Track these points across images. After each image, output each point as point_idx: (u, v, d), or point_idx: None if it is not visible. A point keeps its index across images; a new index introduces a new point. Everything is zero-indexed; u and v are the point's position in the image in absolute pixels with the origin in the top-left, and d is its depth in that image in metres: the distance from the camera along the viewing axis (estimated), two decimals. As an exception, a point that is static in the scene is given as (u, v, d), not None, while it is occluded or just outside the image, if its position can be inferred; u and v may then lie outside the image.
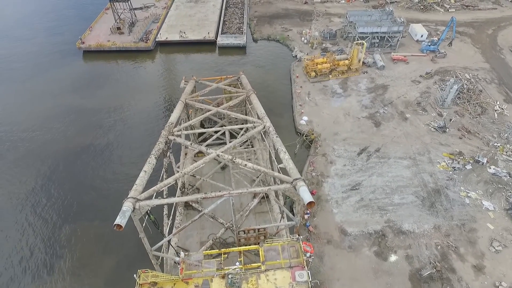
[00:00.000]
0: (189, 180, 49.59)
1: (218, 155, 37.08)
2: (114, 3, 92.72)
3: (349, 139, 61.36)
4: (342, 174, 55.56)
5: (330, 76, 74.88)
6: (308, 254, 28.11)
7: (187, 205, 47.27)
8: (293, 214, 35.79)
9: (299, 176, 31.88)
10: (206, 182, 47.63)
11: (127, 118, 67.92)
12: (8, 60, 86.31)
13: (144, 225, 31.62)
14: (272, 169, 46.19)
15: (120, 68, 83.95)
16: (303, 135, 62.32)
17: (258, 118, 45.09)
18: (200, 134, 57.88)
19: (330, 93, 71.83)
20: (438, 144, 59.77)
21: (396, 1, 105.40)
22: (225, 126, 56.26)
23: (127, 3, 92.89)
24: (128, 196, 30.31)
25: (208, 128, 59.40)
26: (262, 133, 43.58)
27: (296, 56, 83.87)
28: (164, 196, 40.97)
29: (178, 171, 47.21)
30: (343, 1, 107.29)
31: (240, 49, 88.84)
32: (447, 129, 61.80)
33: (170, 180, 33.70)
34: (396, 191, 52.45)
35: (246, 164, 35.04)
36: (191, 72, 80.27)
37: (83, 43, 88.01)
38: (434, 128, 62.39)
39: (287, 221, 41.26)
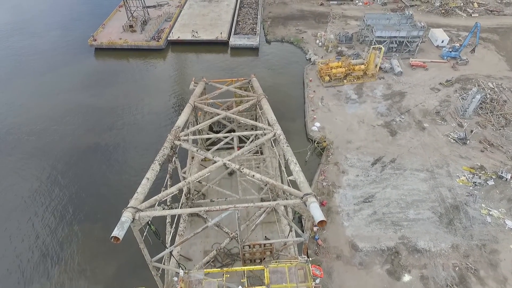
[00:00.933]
0: (195, 185, 47.90)
1: (225, 164, 35.18)
2: (128, 1, 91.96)
3: (363, 148, 58.72)
4: (355, 185, 53.03)
5: (345, 81, 72.22)
6: (317, 280, 25.90)
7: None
8: (302, 230, 33.62)
9: (310, 191, 29.67)
10: (212, 188, 45.93)
11: (136, 119, 66.75)
12: (21, 56, 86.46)
13: (144, 235, 30.00)
14: (282, 181, 44.11)
15: (130, 67, 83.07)
16: (314, 142, 59.97)
17: (269, 124, 43.13)
18: (208, 138, 56.33)
19: (344, 98, 69.20)
20: (457, 156, 56.58)
21: (415, 5, 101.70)
22: (234, 131, 54.82)
23: (140, 1, 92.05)
24: (128, 206, 28.64)
25: (216, 131, 57.83)
26: (272, 141, 41.48)
27: (310, 59, 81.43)
28: (168, 203, 39.32)
29: (183, 177, 45.66)
30: (361, 4, 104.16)
31: (253, 50, 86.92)
32: (468, 141, 58.50)
33: (173, 189, 31.98)
34: (412, 206, 49.65)
35: (254, 175, 33.07)
36: (202, 72, 78.92)
37: (95, 40, 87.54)
38: (454, 140, 59.17)
39: (296, 236, 39.07)
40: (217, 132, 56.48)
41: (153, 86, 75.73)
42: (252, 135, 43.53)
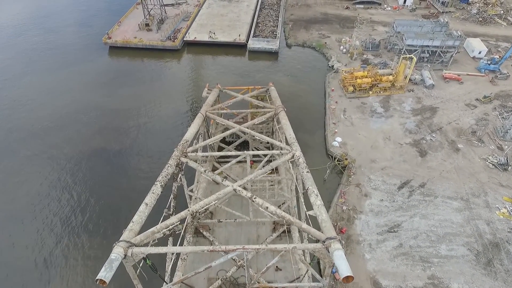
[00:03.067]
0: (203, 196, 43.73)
1: (235, 190, 30.76)
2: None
3: (388, 169, 53.18)
4: (379, 211, 47.63)
5: (370, 92, 66.64)
6: None
7: (196, 231, 41.67)
8: (321, 274, 28.77)
9: (334, 235, 24.71)
10: (221, 206, 41.84)
11: (146, 123, 63.24)
12: (35, 51, 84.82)
13: (140, 268, 25.94)
14: (298, 214, 39.33)
15: (144, 67, 79.97)
16: (335, 159, 54.84)
17: (287, 143, 38.50)
18: (220, 148, 52.23)
19: (369, 112, 63.65)
20: (497, 184, 50.29)
21: (450, 11, 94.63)
22: (247, 142, 50.49)
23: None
24: (120, 239, 24.49)
25: (229, 142, 53.71)
26: (290, 162, 36.76)
27: (333, 66, 76.15)
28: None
29: (190, 196, 41.52)
30: (389, 8, 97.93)
31: (272, 55, 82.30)
32: (510, 167, 52.09)
33: (174, 219, 27.68)
34: (444, 240, 43.89)
35: (267, 207, 28.47)
36: (217, 76, 75.11)
37: (110, 38, 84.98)
38: (493, 165, 52.84)
39: (312, 281, 34.22)
40: (230, 143, 52.32)
41: (166, 89, 72.22)
42: (267, 154, 38.82)
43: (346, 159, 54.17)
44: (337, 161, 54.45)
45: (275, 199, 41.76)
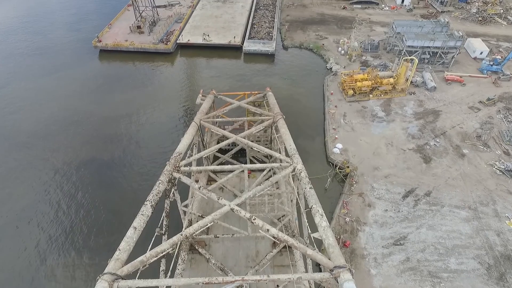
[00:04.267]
0: (198, 216, 41.06)
1: (232, 210, 28.20)
2: (136, 0, 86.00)
3: (392, 177, 50.93)
4: (383, 222, 45.34)
5: (371, 95, 64.40)
6: None
7: (192, 248, 39.07)
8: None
9: (343, 263, 22.26)
10: (217, 222, 39.22)
11: (138, 131, 60.36)
12: (21, 56, 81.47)
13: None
14: (300, 230, 36.90)
15: (136, 71, 76.99)
16: (336, 167, 52.50)
17: (287, 154, 36.06)
18: (216, 157, 49.65)
19: (370, 116, 61.40)
20: (506, 192, 48.25)
21: (448, 11, 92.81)
22: (244, 151, 48.13)
23: (150, 0, 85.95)
24: (104, 272, 21.81)
25: (225, 149, 51.09)
26: (291, 176, 34.24)
27: (331, 68, 73.84)
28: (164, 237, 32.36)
29: (184, 211, 38.83)
30: (387, 8, 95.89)
31: (268, 57, 79.77)
32: (517, 174, 50.17)
33: (166, 246, 25.03)
34: (453, 253, 41.70)
35: (268, 230, 25.95)
36: (212, 80, 72.46)
37: (100, 41, 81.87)
38: (500, 171, 50.83)
39: None
40: (226, 151, 49.68)
41: (159, 94, 69.33)
42: (266, 168, 36.25)
43: (348, 167, 51.82)
44: (338, 169, 52.10)
45: (275, 213, 39.29)
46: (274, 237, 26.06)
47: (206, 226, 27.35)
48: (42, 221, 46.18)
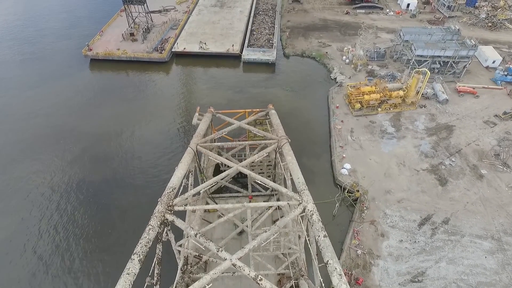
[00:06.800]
0: (194, 257, 36.80)
1: (234, 265, 24.02)
2: (129, 5, 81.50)
3: (405, 201, 46.83)
4: (398, 255, 41.22)
5: (379, 109, 60.31)
6: None
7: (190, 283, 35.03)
8: None
9: None
10: (216, 261, 35.21)
11: (129, 149, 55.93)
12: (7, 65, 76.80)
13: None
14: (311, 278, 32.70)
15: (128, 82, 72.45)
16: (344, 190, 48.36)
17: (294, 188, 31.94)
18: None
19: (379, 132, 57.31)
20: (531, 219, 44.36)
21: (456, 16, 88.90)
22: (245, 176, 44.04)
23: (143, 6, 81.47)
24: None
25: (223, 170, 46.84)
26: (300, 218, 29.94)
27: (335, 79, 69.69)
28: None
29: (179, 251, 34.42)
30: (392, 13, 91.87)
31: (269, 66, 75.48)
32: (542, 198, 46.20)
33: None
34: (477, 292, 37.73)
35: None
36: (209, 92, 68.27)
37: (90, 50, 77.31)
38: (523, 195, 46.94)
39: None
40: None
41: (152, 107, 64.85)
42: (271, 206, 32.04)
43: (358, 190, 47.67)
44: (347, 192, 47.97)
45: (281, 251, 35.13)
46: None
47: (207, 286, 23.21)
48: (21, 251, 41.70)
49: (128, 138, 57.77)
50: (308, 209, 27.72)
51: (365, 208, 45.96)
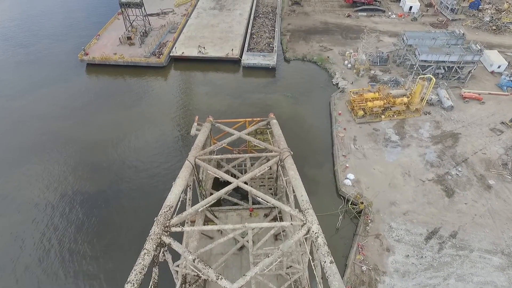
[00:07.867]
0: (193, 276, 35.13)
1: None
2: (126, 8, 79.73)
3: (411, 214, 45.27)
4: (405, 271, 39.63)
5: (383, 116, 58.75)
6: None
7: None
8: None
9: None
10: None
11: (127, 158, 54.22)
12: (2, 70, 75.02)
13: None
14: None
15: (125, 88, 70.74)
16: (348, 201, 46.78)
17: (297, 205, 30.39)
18: (216, 188, 43.98)
19: (383, 140, 55.76)
20: (542, 233, 42.83)
21: (459, 19, 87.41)
22: (245, 195, 42.57)
23: (140, 9, 79.76)
24: None
25: (223, 181, 45.27)
26: (304, 239, 28.35)
27: (337, 84, 68.13)
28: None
29: (176, 271, 32.76)
30: (394, 16, 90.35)
31: (269, 71, 73.85)
32: (553, 210, 44.68)
33: None
34: (488, 311, 36.19)
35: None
36: (208, 98, 66.70)
37: (87, 54, 75.61)
38: (533, 207, 45.40)
39: None
40: (224, 183, 43.79)
41: (150, 114, 63.14)
42: (273, 226, 30.38)
43: (362, 202, 46.09)
44: (351, 204, 46.39)
45: (283, 271, 33.55)
46: None
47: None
48: (12, 268, 40.03)
49: (126, 146, 56.11)
50: (313, 231, 26.18)
51: (369, 221, 44.39)
